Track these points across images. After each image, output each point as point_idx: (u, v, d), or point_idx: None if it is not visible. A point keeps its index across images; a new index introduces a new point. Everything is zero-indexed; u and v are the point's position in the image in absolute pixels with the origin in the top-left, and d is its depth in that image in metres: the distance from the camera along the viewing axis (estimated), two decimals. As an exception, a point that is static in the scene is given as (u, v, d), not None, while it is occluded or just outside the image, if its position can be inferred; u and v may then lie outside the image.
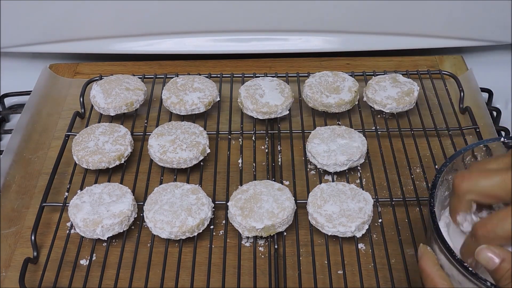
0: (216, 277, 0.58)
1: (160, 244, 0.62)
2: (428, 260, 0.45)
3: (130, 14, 0.85)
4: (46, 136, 0.77)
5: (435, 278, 0.44)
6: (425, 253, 0.46)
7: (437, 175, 0.50)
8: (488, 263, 0.42)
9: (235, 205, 0.61)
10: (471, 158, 0.53)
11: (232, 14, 0.85)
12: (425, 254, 0.46)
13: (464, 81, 0.82)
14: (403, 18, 0.86)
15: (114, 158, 0.68)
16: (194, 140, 0.69)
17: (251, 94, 0.75)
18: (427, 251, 0.46)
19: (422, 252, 0.47)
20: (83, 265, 0.60)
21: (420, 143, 0.71)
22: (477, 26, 0.87)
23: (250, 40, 0.89)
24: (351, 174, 0.69)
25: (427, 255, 0.46)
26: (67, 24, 0.86)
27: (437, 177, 0.50)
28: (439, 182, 0.50)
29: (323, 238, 0.61)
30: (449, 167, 0.51)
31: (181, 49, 0.89)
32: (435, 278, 0.44)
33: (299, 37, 0.89)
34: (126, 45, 0.89)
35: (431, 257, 0.46)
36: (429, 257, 0.46)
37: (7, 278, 0.60)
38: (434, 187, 0.50)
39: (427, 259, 0.46)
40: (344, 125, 0.72)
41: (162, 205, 0.61)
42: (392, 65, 0.88)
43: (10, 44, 0.88)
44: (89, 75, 0.87)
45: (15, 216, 0.66)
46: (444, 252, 0.45)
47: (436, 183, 0.50)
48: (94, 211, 0.61)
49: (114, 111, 0.75)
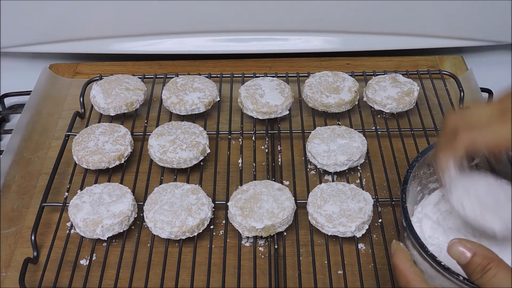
0: (216, 277, 0.58)
1: (160, 244, 0.62)
2: (401, 257, 0.45)
3: (130, 14, 0.85)
4: (46, 136, 0.77)
5: (409, 274, 0.44)
6: (397, 250, 0.46)
7: (409, 170, 0.50)
8: (459, 258, 0.42)
9: (235, 205, 0.61)
10: None
11: (232, 14, 0.85)
12: (397, 250, 0.46)
13: (464, 81, 0.82)
14: (403, 18, 0.86)
15: (114, 158, 0.68)
16: (194, 140, 0.69)
17: (251, 94, 0.75)
18: (400, 248, 0.46)
19: (395, 249, 0.46)
20: (83, 265, 0.60)
21: (420, 143, 0.71)
22: (477, 26, 0.87)
23: (250, 40, 0.89)
24: (351, 174, 0.69)
25: (400, 252, 0.46)
26: (67, 24, 0.86)
27: (409, 172, 0.50)
28: (411, 178, 0.50)
29: (323, 238, 0.61)
30: (420, 162, 0.51)
31: (181, 49, 0.89)
32: (408, 274, 0.44)
33: (299, 37, 0.89)
34: (126, 45, 0.89)
35: (404, 253, 0.45)
36: (402, 253, 0.45)
37: (7, 278, 0.60)
38: (406, 182, 0.50)
39: (400, 256, 0.45)
40: (344, 125, 0.72)
41: (162, 205, 0.61)
42: (392, 65, 0.88)
43: (10, 44, 0.88)
44: (89, 75, 0.87)
45: (15, 216, 0.66)
46: (417, 248, 0.45)
47: (408, 179, 0.50)
48: (94, 211, 0.61)
49: (114, 111, 0.75)
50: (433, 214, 0.54)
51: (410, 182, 0.51)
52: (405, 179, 0.50)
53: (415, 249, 0.45)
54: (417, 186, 0.54)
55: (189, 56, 0.90)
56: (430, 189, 0.56)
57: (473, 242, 0.42)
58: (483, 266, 0.40)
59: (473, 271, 0.41)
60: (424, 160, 0.52)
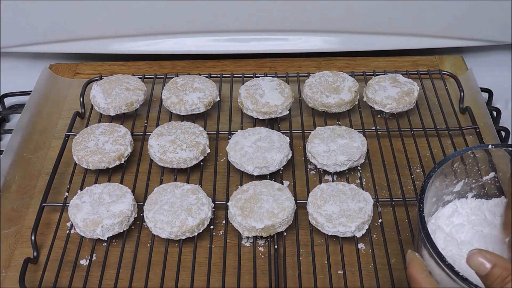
0: (216, 277, 0.58)
1: (160, 244, 0.62)
2: (417, 266, 0.45)
3: (130, 14, 0.85)
4: (46, 136, 0.77)
5: (424, 284, 0.43)
6: (413, 259, 0.46)
7: (426, 180, 0.50)
8: (479, 268, 0.41)
9: (235, 205, 0.61)
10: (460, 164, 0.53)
11: (232, 14, 0.85)
12: (413, 260, 0.46)
13: (464, 81, 0.82)
14: (403, 18, 0.86)
15: (114, 158, 0.68)
16: (194, 140, 0.69)
17: (251, 94, 0.75)
18: (416, 258, 0.46)
19: (410, 259, 0.46)
20: (83, 265, 0.60)
21: (420, 143, 0.71)
22: (477, 26, 0.87)
23: (250, 40, 0.89)
24: (351, 174, 0.69)
25: (415, 261, 0.45)
26: (67, 24, 0.86)
27: (426, 182, 0.50)
28: (427, 188, 0.50)
29: (323, 238, 0.61)
30: (437, 173, 0.51)
31: (181, 49, 0.89)
32: (423, 284, 0.43)
33: (299, 37, 0.89)
34: (126, 45, 0.89)
35: (419, 263, 0.45)
36: (417, 263, 0.45)
37: (7, 278, 0.60)
38: (423, 192, 0.49)
39: (416, 265, 0.45)
40: (344, 125, 0.72)
41: (162, 205, 0.61)
42: (392, 65, 0.88)
43: (10, 44, 0.88)
44: (89, 75, 0.87)
45: (15, 216, 0.66)
46: (434, 257, 0.44)
47: (425, 188, 0.49)
48: (94, 211, 0.61)
49: (114, 111, 0.75)
50: (446, 227, 0.53)
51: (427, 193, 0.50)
52: (422, 189, 0.49)
53: (432, 259, 0.45)
54: (433, 197, 0.53)
55: (189, 56, 0.90)
56: (444, 201, 0.55)
57: (493, 253, 0.42)
58: (502, 278, 0.40)
59: (492, 282, 0.40)
60: (442, 171, 0.52)
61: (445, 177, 0.53)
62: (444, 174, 0.53)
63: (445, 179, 0.53)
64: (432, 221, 0.54)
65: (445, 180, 0.53)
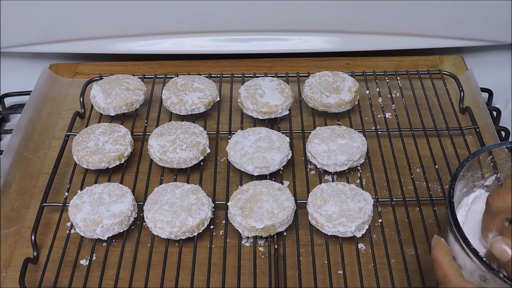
0: (216, 277, 0.58)
1: (160, 244, 0.62)
2: (441, 250, 0.46)
3: (130, 14, 0.85)
4: (46, 136, 0.77)
5: (447, 268, 0.44)
6: (438, 243, 0.47)
7: (459, 168, 0.50)
8: (501, 255, 0.42)
9: (235, 205, 0.61)
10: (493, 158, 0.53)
11: (232, 14, 0.85)
12: (438, 244, 0.47)
13: (464, 81, 0.82)
14: (403, 18, 0.86)
15: (114, 158, 0.68)
16: (194, 140, 0.69)
17: (251, 94, 0.75)
18: (440, 242, 0.47)
19: (435, 243, 0.47)
20: (83, 265, 0.60)
21: (420, 143, 0.71)
22: (477, 26, 0.87)
23: (250, 40, 0.89)
24: (351, 174, 0.69)
25: (440, 245, 0.47)
26: (67, 24, 0.86)
27: (459, 170, 0.50)
28: (459, 176, 0.50)
29: (323, 238, 0.61)
30: (470, 163, 0.51)
31: (181, 49, 0.89)
32: (446, 268, 0.45)
33: (299, 37, 0.89)
34: (126, 45, 0.89)
35: (444, 247, 0.46)
36: (442, 247, 0.46)
37: (7, 278, 0.60)
38: (454, 179, 0.50)
39: (440, 249, 0.46)
40: (344, 125, 0.72)
41: (162, 205, 0.61)
42: (392, 65, 0.88)
43: (10, 44, 0.88)
44: (89, 75, 0.87)
45: (15, 216, 0.66)
46: (459, 241, 0.45)
47: (457, 176, 0.50)
48: (94, 211, 0.61)
49: (114, 111, 0.75)
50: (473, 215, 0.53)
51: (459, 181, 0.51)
52: (454, 176, 0.50)
53: (458, 243, 0.46)
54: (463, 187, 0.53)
55: (189, 56, 0.90)
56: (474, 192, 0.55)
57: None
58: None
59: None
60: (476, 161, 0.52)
61: (478, 168, 0.53)
62: (478, 166, 0.53)
63: (478, 170, 0.53)
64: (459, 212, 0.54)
65: (478, 172, 0.53)
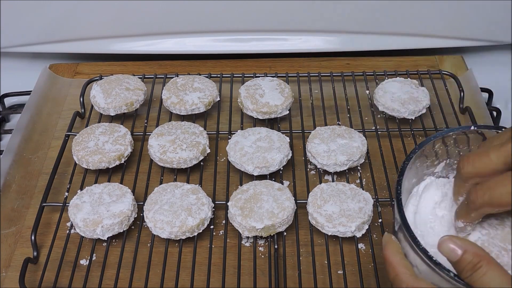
0: (216, 277, 0.58)
1: (160, 244, 0.62)
2: (392, 248, 0.45)
3: (130, 14, 0.85)
4: (46, 136, 0.77)
5: (398, 267, 0.43)
6: (389, 242, 0.45)
7: (406, 161, 0.49)
8: (450, 255, 0.41)
9: (235, 205, 0.61)
10: (441, 145, 0.52)
11: (232, 14, 0.85)
12: (388, 242, 0.45)
13: (464, 81, 0.82)
14: (403, 18, 0.86)
15: (114, 158, 0.68)
16: (194, 140, 0.69)
17: (251, 94, 0.75)
18: (391, 240, 0.46)
19: (386, 241, 0.46)
20: (83, 265, 0.60)
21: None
22: (477, 26, 0.87)
23: (250, 40, 0.89)
24: (351, 174, 0.69)
25: (390, 244, 0.45)
26: (67, 24, 0.86)
27: (406, 164, 0.49)
28: (407, 170, 0.49)
29: (323, 238, 0.61)
30: (418, 154, 0.50)
31: (181, 49, 0.89)
32: (397, 267, 0.43)
33: (299, 37, 0.89)
34: (126, 45, 0.89)
35: (395, 245, 0.45)
36: (393, 245, 0.45)
37: (7, 278, 0.60)
38: (402, 174, 0.48)
39: (391, 248, 0.45)
40: (344, 125, 0.72)
41: (162, 205, 0.61)
42: (392, 65, 0.88)
43: (10, 44, 0.88)
44: (89, 75, 0.87)
45: (15, 216, 0.66)
46: (409, 240, 0.44)
47: (404, 170, 0.48)
48: (94, 211, 0.61)
49: (114, 111, 0.75)
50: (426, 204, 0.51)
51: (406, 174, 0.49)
52: (401, 171, 0.49)
53: (407, 242, 0.44)
54: (412, 178, 0.52)
55: (189, 56, 0.90)
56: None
57: (463, 239, 0.41)
58: (473, 264, 0.40)
59: (463, 268, 0.40)
60: (422, 152, 0.51)
61: (426, 158, 0.52)
62: (425, 155, 0.51)
63: (426, 160, 0.52)
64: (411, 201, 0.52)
65: (426, 161, 0.52)
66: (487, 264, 0.39)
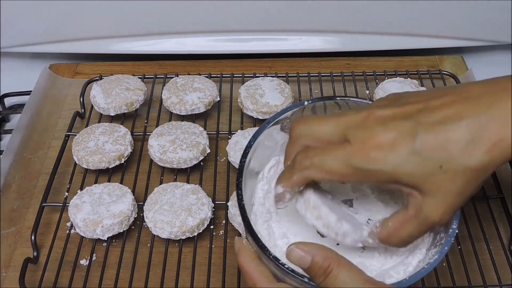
0: (216, 277, 0.58)
1: (160, 244, 0.62)
2: (245, 255, 0.42)
3: (130, 14, 0.85)
4: (46, 136, 0.77)
5: (254, 274, 0.41)
6: (241, 248, 0.42)
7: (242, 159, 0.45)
8: (300, 263, 0.39)
9: (235, 205, 0.61)
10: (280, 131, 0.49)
11: (232, 14, 0.85)
12: (241, 248, 0.42)
13: (464, 81, 0.82)
14: (403, 18, 0.86)
15: (114, 158, 0.68)
16: (194, 140, 0.69)
17: (251, 94, 0.75)
18: (243, 246, 0.43)
19: (238, 247, 0.43)
20: (83, 265, 0.60)
21: (420, 143, 0.71)
22: (477, 26, 0.87)
23: (250, 40, 0.89)
24: (351, 174, 0.69)
25: (243, 249, 0.42)
26: (67, 24, 0.86)
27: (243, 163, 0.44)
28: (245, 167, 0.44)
29: (323, 238, 0.61)
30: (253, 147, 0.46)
31: (181, 49, 0.89)
32: (254, 275, 0.41)
33: (299, 37, 0.89)
34: (126, 45, 0.89)
35: (247, 251, 0.42)
36: (245, 251, 0.42)
37: (7, 278, 0.60)
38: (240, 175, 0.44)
39: (244, 254, 0.42)
40: (344, 125, 0.72)
41: (162, 205, 0.61)
42: (392, 65, 0.88)
43: (10, 44, 0.88)
44: (89, 75, 0.87)
45: (15, 216, 0.66)
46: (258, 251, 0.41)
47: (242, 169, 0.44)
48: (94, 211, 0.61)
49: (114, 111, 0.75)
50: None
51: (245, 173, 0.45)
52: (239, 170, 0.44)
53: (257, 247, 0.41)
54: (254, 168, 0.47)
55: (189, 56, 0.90)
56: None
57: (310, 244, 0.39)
58: (324, 268, 0.38)
59: (315, 274, 0.38)
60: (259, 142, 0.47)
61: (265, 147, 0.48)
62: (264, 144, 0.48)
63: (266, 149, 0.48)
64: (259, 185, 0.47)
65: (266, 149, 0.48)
66: (337, 266, 0.38)
